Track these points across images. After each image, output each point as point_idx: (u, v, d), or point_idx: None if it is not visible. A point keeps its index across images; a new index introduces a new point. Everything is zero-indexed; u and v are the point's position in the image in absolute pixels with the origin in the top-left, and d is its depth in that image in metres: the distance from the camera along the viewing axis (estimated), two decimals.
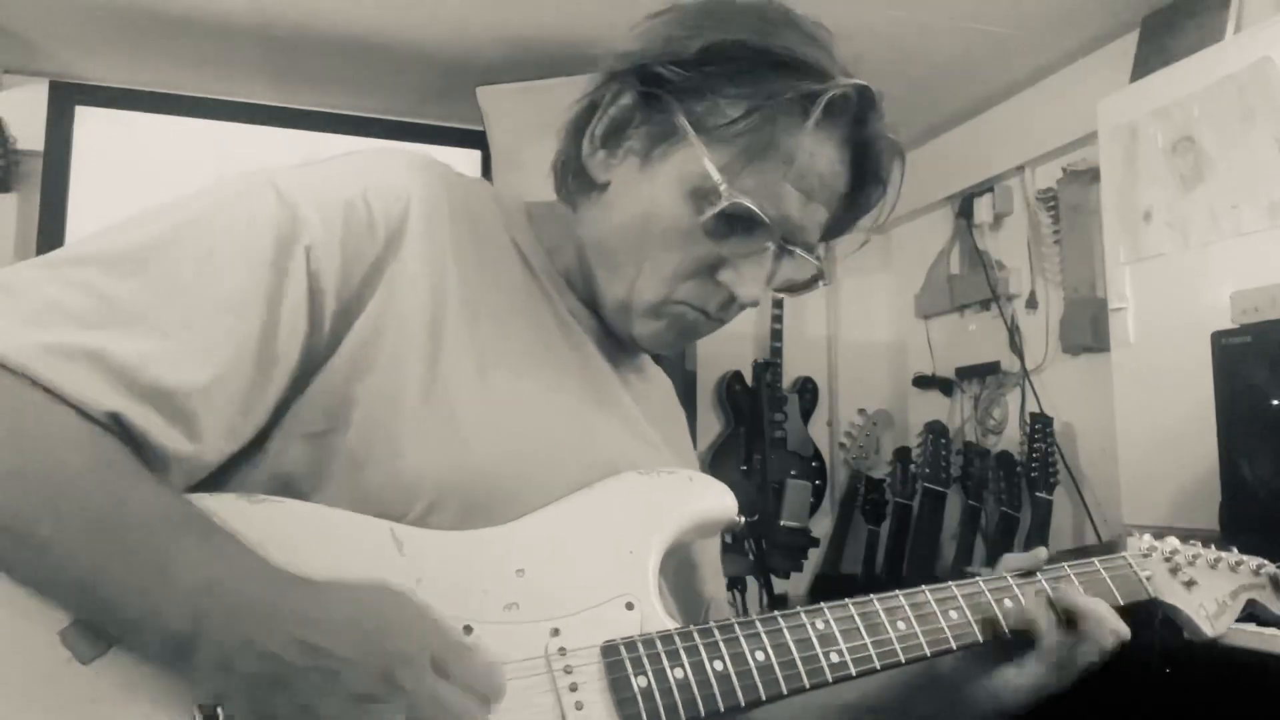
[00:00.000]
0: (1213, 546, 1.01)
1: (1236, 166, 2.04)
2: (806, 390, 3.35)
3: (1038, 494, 2.54)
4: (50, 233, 2.52)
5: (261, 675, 0.57)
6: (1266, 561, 1.01)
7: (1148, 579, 0.93)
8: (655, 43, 0.80)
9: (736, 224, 0.79)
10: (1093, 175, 2.51)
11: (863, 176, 0.84)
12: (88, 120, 2.62)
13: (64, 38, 2.55)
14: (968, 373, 3.07)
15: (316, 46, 2.58)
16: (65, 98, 2.61)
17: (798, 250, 0.82)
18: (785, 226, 0.80)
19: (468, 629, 0.66)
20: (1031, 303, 2.86)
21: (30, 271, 0.65)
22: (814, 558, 3.11)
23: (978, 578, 0.86)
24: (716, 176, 0.77)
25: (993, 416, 2.97)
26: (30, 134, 2.62)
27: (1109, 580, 0.91)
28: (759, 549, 2.29)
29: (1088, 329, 2.55)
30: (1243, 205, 2.02)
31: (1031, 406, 2.75)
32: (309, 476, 0.70)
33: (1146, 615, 1.48)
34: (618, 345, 0.90)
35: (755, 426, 3.08)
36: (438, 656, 0.59)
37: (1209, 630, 0.94)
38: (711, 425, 3.25)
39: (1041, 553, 0.89)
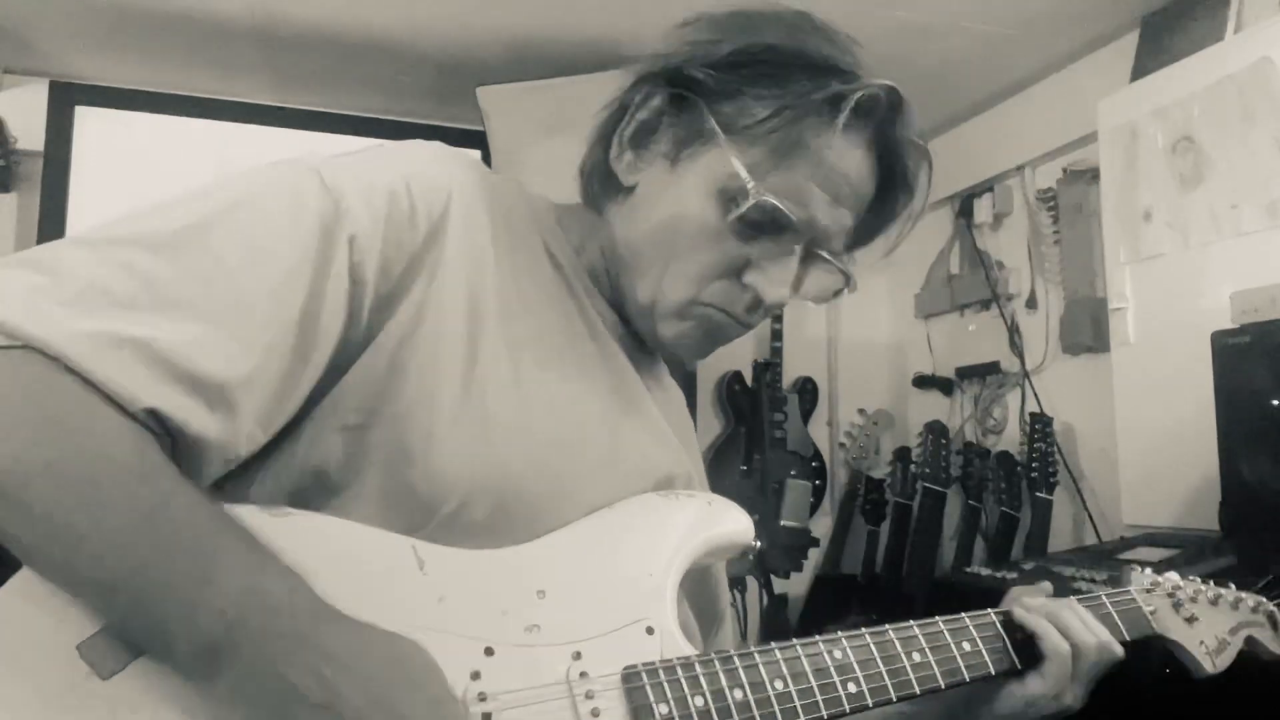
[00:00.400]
0: (1211, 583, 1.02)
1: (1236, 166, 2.04)
2: (806, 390, 3.35)
3: (1038, 494, 2.54)
4: (50, 233, 2.52)
5: (272, 697, 0.56)
6: (1264, 599, 1.03)
7: (1152, 614, 0.95)
8: (684, 47, 0.81)
9: (764, 224, 0.79)
10: (1093, 175, 2.51)
11: (889, 182, 0.84)
12: (88, 120, 2.61)
13: (64, 38, 2.55)
14: (968, 373, 3.07)
15: (316, 46, 2.58)
16: (65, 98, 2.61)
17: (824, 255, 0.82)
18: (812, 229, 0.80)
19: (489, 650, 0.66)
20: (1031, 303, 2.86)
21: (70, 250, 0.63)
22: (814, 558, 3.11)
23: (989, 609, 0.88)
24: (745, 175, 0.77)
25: (993, 416, 2.97)
26: (30, 134, 2.61)
27: (1115, 615, 0.93)
28: (759, 549, 2.29)
29: (1088, 329, 2.55)
30: (1242, 205, 2.02)
31: (1031, 406, 2.75)
32: (342, 470, 0.69)
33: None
34: (640, 349, 0.90)
35: (755, 426, 3.08)
36: None
37: (1210, 667, 0.96)
38: (711, 425, 3.24)
39: (1046, 586, 0.92)
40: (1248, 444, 1.73)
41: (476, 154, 2.70)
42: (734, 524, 0.82)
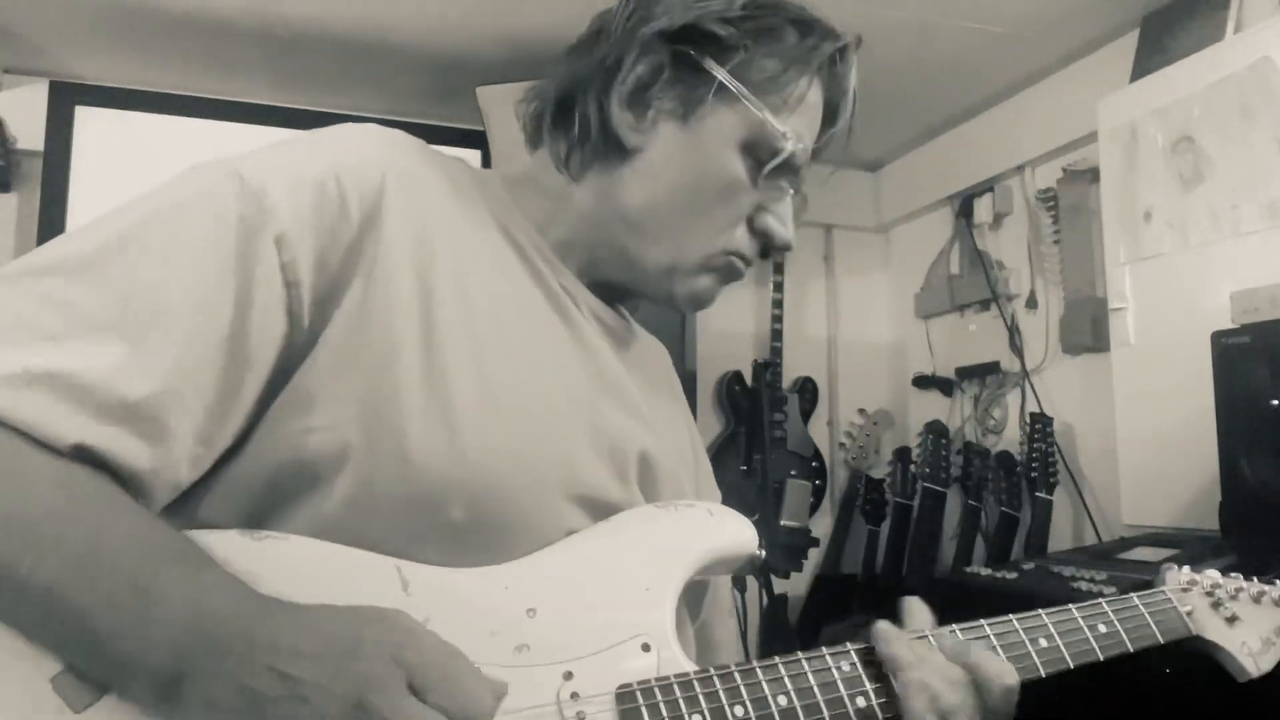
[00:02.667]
0: (1255, 580, 0.97)
1: (1236, 166, 2.04)
2: (806, 390, 3.35)
3: (1038, 494, 2.54)
4: (50, 233, 2.51)
5: (240, 708, 0.55)
6: None
7: (1189, 614, 0.91)
8: (693, 4, 0.82)
9: (782, 173, 0.84)
10: (1093, 175, 2.51)
11: (827, 121, 0.89)
12: (88, 120, 2.61)
13: (64, 38, 2.55)
14: (968, 373, 3.07)
15: (316, 46, 2.58)
16: (65, 98, 2.60)
17: (799, 189, 0.88)
18: (801, 170, 0.86)
19: None
20: (1031, 303, 2.86)
21: None
22: (814, 558, 3.11)
23: (1005, 618, 0.82)
24: (779, 127, 0.81)
25: (993, 416, 2.97)
26: (30, 134, 2.61)
27: (1148, 617, 0.89)
28: (762, 556, 2.29)
29: (1088, 329, 2.55)
30: (1242, 205, 2.02)
31: (1031, 406, 2.75)
32: (300, 480, 0.67)
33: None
34: (612, 316, 0.88)
35: (755, 426, 3.08)
36: (416, 677, 0.56)
37: (1254, 669, 0.91)
38: (711, 425, 3.24)
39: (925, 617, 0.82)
40: (1248, 444, 1.73)
41: (476, 154, 2.70)
42: (736, 535, 0.79)
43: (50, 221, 2.53)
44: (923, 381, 3.26)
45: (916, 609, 0.81)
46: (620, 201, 0.82)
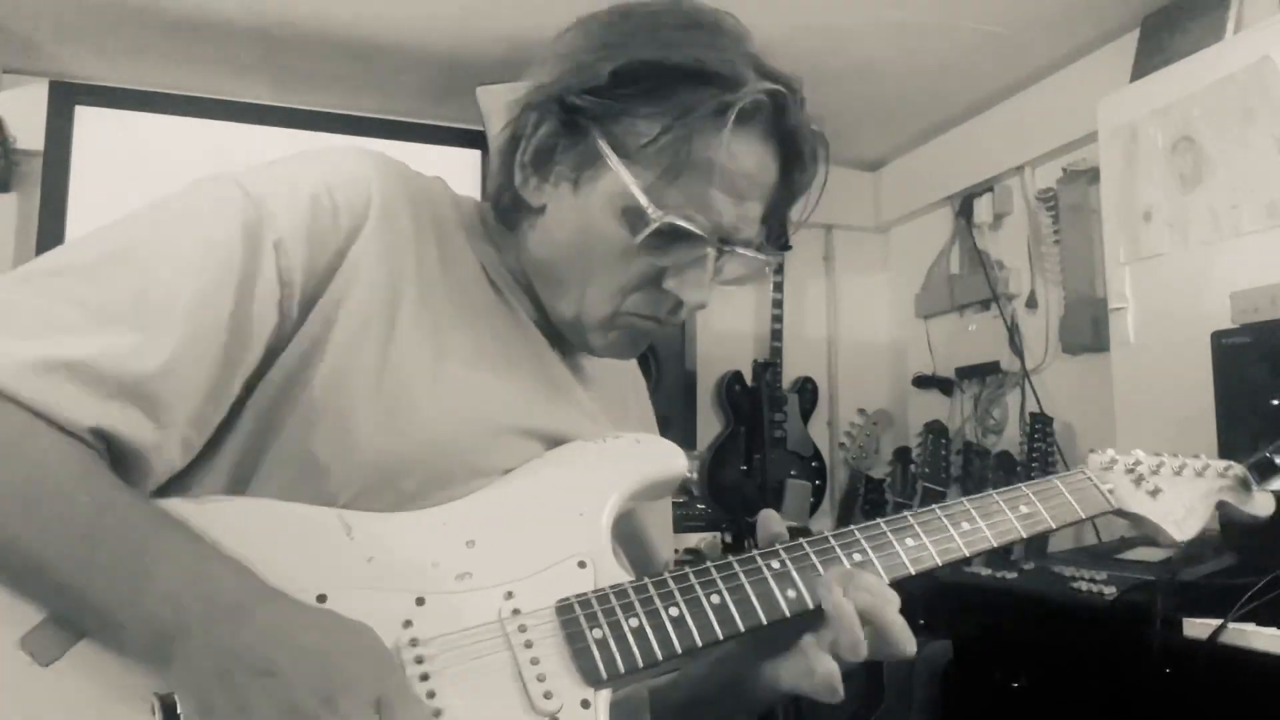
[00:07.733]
0: (1178, 456, 1.02)
1: (1236, 166, 2.04)
2: (806, 390, 3.35)
3: None
4: (50, 233, 2.51)
5: (219, 672, 0.58)
6: (1234, 463, 1.04)
7: (1110, 492, 0.95)
8: (566, 71, 0.82)
9: (672, 238, 0.80)
10: (1093, 175, 2.51)
11: (790, 165, 0.85)
12: (88, 120, 2.61)
13: (64, 38, 2.55)
14: (968, 373, 3.07)
15: (316, 46, 2.58)
16: (65, 98, 2.60)
17: (738, 250, 0.83)
18: (720, 231, 0.82)
19: (420, 600, 0.68)
20: (1031, 303, 2.86)
21: (12, 286, 0.68)
22: None
23: (958, 500, 0.88)
24: (643, 200, 0.78)
25: (993, 416, 2.97)
26: (30, 134, 2.61)
27: (1069, 496, 0.93)
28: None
29: (1088, 329, 2.55)
30: (1242, 205, 2.02)
31: (1031, 406, 2.75)
32: (267, 457, 0.73)
33: (1146, 614, 1.48)
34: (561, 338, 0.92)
35: (755, 426, 3.09)
36: (384, 700, 0.59)
37: (1177, 534, 0.96)
38: (711, 425, 3.24)
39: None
40: (1248, 444, 1.73)
41: (476, 154, 2.70)
42: (664, 458, 0.85)
43: (49, 221, 2.53)
44: (923, 381, 3.26)
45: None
46: (531, 254, 0.87)
